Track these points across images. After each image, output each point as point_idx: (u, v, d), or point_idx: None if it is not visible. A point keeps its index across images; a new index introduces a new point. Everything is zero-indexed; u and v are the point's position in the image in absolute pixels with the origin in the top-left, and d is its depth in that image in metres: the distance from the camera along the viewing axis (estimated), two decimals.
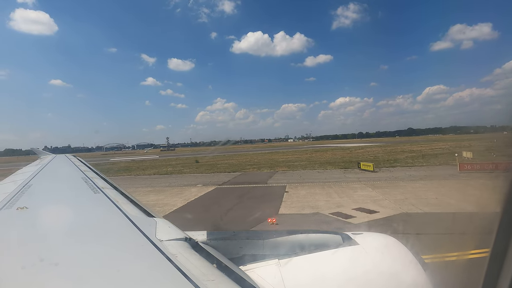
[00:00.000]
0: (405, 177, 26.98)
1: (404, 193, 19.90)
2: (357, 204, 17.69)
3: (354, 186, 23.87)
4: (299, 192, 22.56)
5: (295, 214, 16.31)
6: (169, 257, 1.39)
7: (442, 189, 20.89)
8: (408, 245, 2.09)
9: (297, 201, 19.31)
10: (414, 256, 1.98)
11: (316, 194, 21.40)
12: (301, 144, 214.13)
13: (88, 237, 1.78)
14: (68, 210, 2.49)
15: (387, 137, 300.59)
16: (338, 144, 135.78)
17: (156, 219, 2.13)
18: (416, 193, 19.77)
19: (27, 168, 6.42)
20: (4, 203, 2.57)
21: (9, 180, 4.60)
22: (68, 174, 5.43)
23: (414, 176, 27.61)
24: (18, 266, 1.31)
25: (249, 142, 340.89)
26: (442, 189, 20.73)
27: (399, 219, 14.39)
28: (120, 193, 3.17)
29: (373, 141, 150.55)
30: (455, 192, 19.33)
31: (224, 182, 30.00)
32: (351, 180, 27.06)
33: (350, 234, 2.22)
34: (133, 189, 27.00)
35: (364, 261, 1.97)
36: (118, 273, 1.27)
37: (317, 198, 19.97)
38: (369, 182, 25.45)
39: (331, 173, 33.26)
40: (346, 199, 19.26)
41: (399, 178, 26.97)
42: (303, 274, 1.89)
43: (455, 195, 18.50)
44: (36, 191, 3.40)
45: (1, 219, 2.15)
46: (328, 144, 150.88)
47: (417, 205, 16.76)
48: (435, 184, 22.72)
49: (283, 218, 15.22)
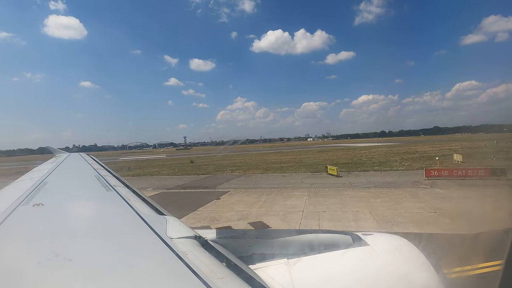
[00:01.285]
0: (360, 184, 24.81)
1: (333, 205, 18.12)
2: (263, 217, 16.45)
3: (294, 193, 22.23)
4: (231, 199, 21.55)
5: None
6: (179, 255, 1.40)
7: (376, 200, 18.94)
8: (420, 247, 2.04)
9: (212, 210, 18.39)
10: (427, 257, 1.92)
11: (243, 202, 20.24)
12: (319, 143, 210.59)
13: (101, 234, 1.81)
14: (82, 207, 2.60)
15: (411, 136, 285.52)
16: (351, 143, 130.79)
17: (167, 217, 2.13)
18: (345, 205, 18.04)
19: (43, 166, 6.57)
20: (22, 199, 2.64)
21: (26, 178, 4.70)
22: (81, 172, 5.54)
23: (372, 182, 25.38)
24: (34, 261, 1.35)
25: (267, 141, 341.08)
26: (375, 200, 18.79)
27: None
28: (132, 191, 3.19)
29: (390, 141, 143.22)
30: (384, 205, 17.43)
31: (177, 186, 29.61)
32: (301, 186, 25.33)
33: (361, 235, 2.19)
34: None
35: (374, 262, 1.91)
36: (130, 270, 1.29)
37: (238, 207, 18.80)
38: (315, 189, 23.64)
39: (295, 177, 31.65)
40: (263, 209, 17.94)
41: (354, 184, 24.88)
42: (313, 274, 1.86)
43: (379, 209, 16.67)
44: (51, 188, 3.49)
45: (19, 215, 2.20)
46: (344, 143, 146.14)
47: (324, 220, 15.23)
48: (380, 194, 20.64)
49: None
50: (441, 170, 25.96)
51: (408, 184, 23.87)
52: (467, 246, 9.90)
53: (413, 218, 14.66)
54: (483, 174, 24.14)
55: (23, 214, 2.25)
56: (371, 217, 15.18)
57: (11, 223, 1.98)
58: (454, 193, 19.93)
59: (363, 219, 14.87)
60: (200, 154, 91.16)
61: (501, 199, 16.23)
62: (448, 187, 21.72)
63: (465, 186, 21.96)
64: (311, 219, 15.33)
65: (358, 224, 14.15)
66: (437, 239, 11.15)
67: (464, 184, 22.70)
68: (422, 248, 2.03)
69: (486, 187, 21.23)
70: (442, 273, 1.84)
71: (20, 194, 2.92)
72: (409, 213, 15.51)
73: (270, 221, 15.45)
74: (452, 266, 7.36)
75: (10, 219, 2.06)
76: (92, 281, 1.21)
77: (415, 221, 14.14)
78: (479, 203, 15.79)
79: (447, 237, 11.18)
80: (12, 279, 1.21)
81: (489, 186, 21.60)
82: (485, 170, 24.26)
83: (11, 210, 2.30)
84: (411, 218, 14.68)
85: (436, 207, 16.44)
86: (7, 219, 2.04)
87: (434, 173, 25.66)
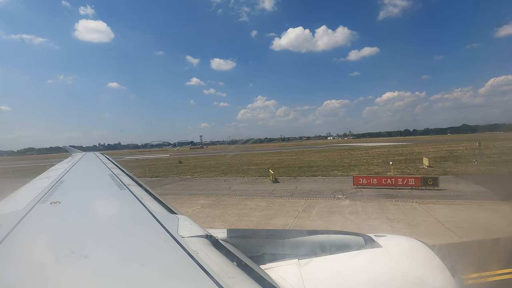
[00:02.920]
0: (283, 192, 23.67)
1: (215, 215, 17.44)
2: None
3: (199, 201, 21.71)
4: None
5: None
6: (190, 254, 1.41)
7: (262, 212, 17.65)
8: (436, 249, 1.96)
9: None
10: (442, 261, 1.85)
11: None
12: (334, 142, 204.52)
13: (115, 232, 1.85)
14: (97, 205, 2.67)
15: (437, 134, 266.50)
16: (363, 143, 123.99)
17: (178, 216, 2.14)
18: (226, 216, 17.07)
19: (60, 165, 6.76)
20: (40, 197, 2.72)
21: (44, 176, 4.86)
22: (96, 171, 5.64)
23: (297, 190, 24.31)
24: (52, 257, 1.39)
25: (286, 140, 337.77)
26: (260, 213, 17.50)
27: None
28: (144, 190, 3.23)
29: (405, 140, 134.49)
30: (258, 219, 16.04)
31: None
32: (221, 193, 24.60)
33: (373, 236, 2.14)
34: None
35: (387, 265, 1.86)
36: (142, 267, 1.31)
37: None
38: (227, 197, 22.98)
39: (235, 182, 30.88)
40: None
41: (275, 193, 23.87)
42: (324, 275, 1.84)
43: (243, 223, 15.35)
44: (68, 186, 3.57)
45: (37, 212, 2.26)
46: (359, 143, 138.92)
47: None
48: (281, 204, 19.40)
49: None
50: (370, 178, 23.61)
51: (328, 193, 22.25)
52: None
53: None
54: (414, 183, 21.56)
55: (41, 212, 2.31)
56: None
57: (30, 220, 2.05)
58: (358, 207, 17.82)
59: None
60: (207, 154, 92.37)
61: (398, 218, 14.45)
62: (364, 199, 19.59)
63: (384, 198, 19.62)
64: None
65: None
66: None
67: (386, 195, 20.34)
68: (437, 251, 1.94)
69: (404, 200, 18.79)
70: (459, 278, 1.73)
71: (38, 192, 3.01)
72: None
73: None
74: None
75: (29, 216, 2.12)
76: (107, 278, 1.23)
77: None
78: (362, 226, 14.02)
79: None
80: (31, 273, 1.26)
81: (407, 198, 19.15)
82: (415, 179, 21.67)
83: (30, 207, 2.37)
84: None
85: (310, 224, 14.92)
86: (26, 216, 2.12)
87: (363, 181, 23.39)
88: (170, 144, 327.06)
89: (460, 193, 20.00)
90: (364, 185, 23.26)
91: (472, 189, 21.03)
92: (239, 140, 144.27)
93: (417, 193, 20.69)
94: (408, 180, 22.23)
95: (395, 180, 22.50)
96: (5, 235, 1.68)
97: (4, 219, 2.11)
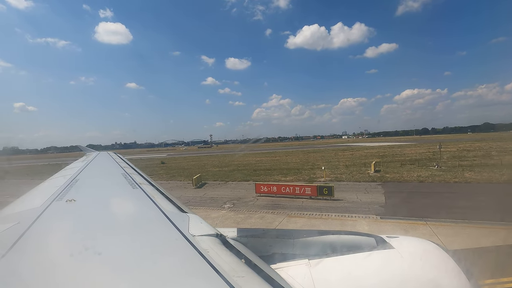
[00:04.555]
0: (189, 199, 22.75)
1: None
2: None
3: None
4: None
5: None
6: (201, 252, 1.44)
7: None
8: (451, 251, 1.92)
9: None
10: (457, 263, 1.82)
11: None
12: (347, 141, 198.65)
13: (128, 230, 1.90)
14: (110, 203, 2.75)
15: (458, 133, 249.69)
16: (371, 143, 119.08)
17: (189, 215, 2.19)
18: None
19: (75, 164, 6.93)
20: (56, 195, 2.82)
21: (59, 175, 4.95)
22: (109, 170, 5.80)
23: (203, 197, 23.21)
24: (67, 253, 1.45)
25: (299, 139, 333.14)
26: None
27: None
28: (156, 189, 3.31)
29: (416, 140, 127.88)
30: None
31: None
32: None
33: (385, 237, 2.12)
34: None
35: (400, 266, 1.84)
36: (154, 265, 1.34)
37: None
38: None
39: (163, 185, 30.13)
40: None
41: (184, 198, 22.85)
42: (334, 276, 1.83)
43: None
44: (83, 185, 3.69)
45: (53, 210, 2.34)
46: (370, 142, 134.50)
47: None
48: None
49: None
50: (271, 185, 22.34)
51: (221, 202, 21.41)
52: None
53: None
54: (310, 192, 19.91)
55: (57, 209, 2.38)
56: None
57: (46, 217, 2.12)
58: (230, 221, 16.64)
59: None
60: (206, 154, 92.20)
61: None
62: (251, 211, 18.52)
63: (271, 209, 18.46)
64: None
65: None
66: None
67: (276, 206, 19.13)
68: (452, 253, 1.89)
69: (285, 212, 17.35)
70: (475, 281, 1.68)
71: (54, 190, 3.10)
72: None
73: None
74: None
75: (46, 214, 2.20)
76: (119, 275, 1.26)
77: None
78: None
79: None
80: (47, 268, 1.32)
81: (292, 209, 17.72)
82: (312, 188, 20.03)
83: (47, 205, 2.44)
84: None
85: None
86: (43, 214, 2.19)
87: (264, 188, 22.17)
88: (185, 143, 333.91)
89: (350, 205, 18.33)
90: (265, 193, 22.05)
91: (368, 200, 19.20)
92: (251, 139, 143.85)
93: (307, 204, 19.30)
94: (305, 189, 20.68)
95: (293, 189, 21.01)
96: (23, 231, 1.76)
97: (23, 216, 2.20)
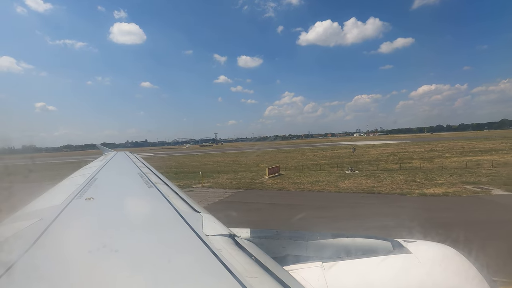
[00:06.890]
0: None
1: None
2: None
3: None
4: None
5: None
6: (214, 252, 1.44)
7: None
8: (471, 258, 1.87)
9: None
10: (478, 270, 1.77)
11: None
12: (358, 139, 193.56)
13: (144, 228, 1.94)
14: (127, 202, 2.87)
15: (474, 130, 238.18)
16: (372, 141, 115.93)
17: (203, 214, 2.19)
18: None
19: (94, 163, 7.27)
20: (76, 193, 2.97)
21: (78, 174, 5.19)
22: (126, 170, 6.04)
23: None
24: (86, 250, 1.51)
25: (310, 137, 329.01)
26: None
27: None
28: (170, 189, 3.37)
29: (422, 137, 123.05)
30: None
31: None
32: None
33: (402, 241, 2.09)
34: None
35: (417, 272, 1.80)
36: (168, 264, 1.37)
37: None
38: None
39: None
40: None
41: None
42: (349, 279, 1.82)
43: None
44: (101, 184, 3.85)
45: (73, 207, 2.45)
46: (378, 140, 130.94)
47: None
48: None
49: None
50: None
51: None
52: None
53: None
54: None
55: (77, 207, 2.50)
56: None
57: (67, 215, 2.23)
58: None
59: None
60: (204, 153, 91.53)
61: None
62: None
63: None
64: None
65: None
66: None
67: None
68: (474, 260, 1.84)
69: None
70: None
71: (74, 188, 3.27)
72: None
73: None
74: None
75: (66, 211, 2.31)
76: (135, 272, 1.29)
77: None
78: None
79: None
80: (67, 264, 1.38)
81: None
82: None
83: (67, 203, 2.56)
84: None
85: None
86: (64, 211, 2.29)
87: None
88: (194, 141, 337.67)
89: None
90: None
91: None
92: (262, 137, 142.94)
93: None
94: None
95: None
96: (45, 227, 1.83)
97: (45, 212, 2.28)
